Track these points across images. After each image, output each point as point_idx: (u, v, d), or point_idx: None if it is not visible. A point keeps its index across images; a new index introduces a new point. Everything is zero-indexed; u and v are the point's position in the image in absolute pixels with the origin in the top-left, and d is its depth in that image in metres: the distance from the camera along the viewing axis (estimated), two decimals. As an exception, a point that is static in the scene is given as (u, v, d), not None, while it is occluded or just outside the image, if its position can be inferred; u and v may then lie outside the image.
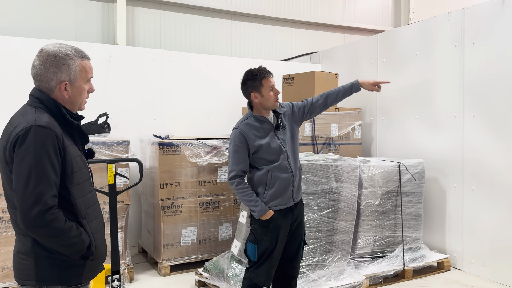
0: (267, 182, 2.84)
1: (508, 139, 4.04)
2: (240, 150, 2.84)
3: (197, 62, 5.67)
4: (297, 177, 2.94)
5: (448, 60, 4.63)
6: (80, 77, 1.79)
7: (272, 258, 2.87)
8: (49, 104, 1.74)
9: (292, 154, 2.94)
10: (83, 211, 1.77)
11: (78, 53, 1.80)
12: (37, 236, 1.65)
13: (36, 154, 1.60)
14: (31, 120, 1.64)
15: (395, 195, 4.35)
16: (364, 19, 7.64)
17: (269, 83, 2.86)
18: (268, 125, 2.89)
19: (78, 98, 1.82)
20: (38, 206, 1.58)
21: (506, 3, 4.04)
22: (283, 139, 2.92)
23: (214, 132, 5.66)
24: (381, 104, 5.57)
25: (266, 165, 2.85)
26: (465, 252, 4.48)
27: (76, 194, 1.74)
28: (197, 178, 4.49)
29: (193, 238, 4.49)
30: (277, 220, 2.85)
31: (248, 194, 2.84)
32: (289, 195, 2.88)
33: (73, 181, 1.73)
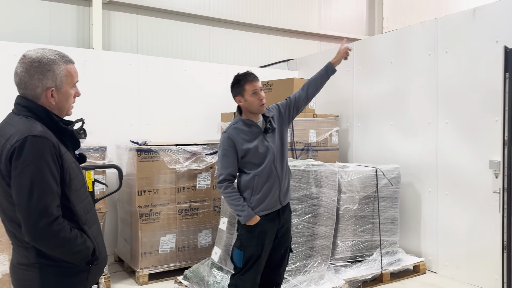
0: (254, 187, 2.84)
1: (479, 145, 4.19)
2: (229, 154, 2.85)
3: (174, 68, 5.62)
4: (284, 180, 2.93)
5: (422, 68, 4.77)
6: (66, 82, 1.74)
7: (258, 264, 2.85)
8: (39, 112, 1.69)
9: (280, 157, 2.93)
10: (84, 217, 1.75)
11: (63, 58, 1.75)
12: (45, 247, 1.63)
13: (36, 165, 1.57)
14: (25, 131, 1.59)
15: (373, 200, 4.42)
16: (339, 28, 7.78)
17: (252, 87, 2.85)
18: (256, 128, 2.89)
19: (65, 103, 1.77)
20: (44, 218, 1.56)
21: (477, 14, 4.20)
22: (272, 142, 2.91)
23: (192, 138, 5.61)
24: (358, 111, 5.67)
25: (253, 170, 2.85)
26: (440, 255, 4.59)
27: (75, 201, 1.72)
28: (176, 185, 4.44)
29: (171, 246, 4.42)
30: (263, 226, 2.83)
31: (236, 198, 2.83)
32: (276, 198, 2.87)
33: (71, 188, 1.71)
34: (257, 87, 2.88)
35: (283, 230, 2.96)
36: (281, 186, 2.90)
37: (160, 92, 5.53)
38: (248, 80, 2.88)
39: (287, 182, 2.98)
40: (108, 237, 5.02)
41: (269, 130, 2.91)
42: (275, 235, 2.92)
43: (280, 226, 2.93)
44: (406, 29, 5.02)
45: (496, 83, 4.00)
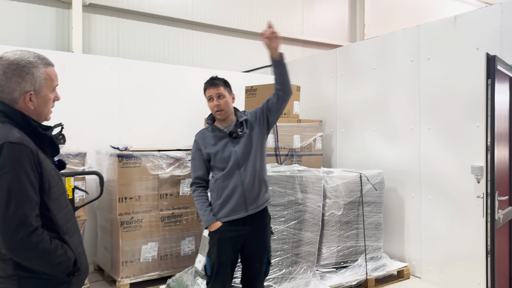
0: (217, 192, 2.81)
1: (461, 150, 4.24)
2: (196, 157, 2.90)
3: (157, 72, 5.53)
4: (251, 186, 2.78)
5: (405, 74, 4.82)
6: (46, 86, 1.67)
7: (223, 273, 2.76)
8: (16, 118, 1.60)
9: (246, 162, 2.81)
10: (64, 227, 1.67)
11: (42, 60, 1.68)
12: (24, 260, 1.54)
13: (13, 173, 1.49)
14: (1, 137, 1.52)
15: (357, 205, 4.42)
16: (321, 34, 7.83)
17: (209, 93, 2.87)
18: (220, 133, 2.86)
19: (44, 108, 1.70)
20: (23, 229, 1.49)
21: (458, 22, 4.27)
22: (237, 147, 2.83)
23: (174, 143, 5.51)
24: (341, 116, 5.69)
25: (217, 173, 2.84)
26: (424, 260, 4.62)
27: (55, 210, 1.64)
28: (158, 191, 4.34)
29: (153, 254, 4.31)
30: (224, 232, 2.76)
31: (200, 202, 2.84)
32: (240, 205, 2.75)
33: (51, 197, 1.62)
34: (212, 93, 2.84)
35: (252, 241, 2.82)
36: (246, 192, 2.77)
37: (142, 97, 5.43)
38: (207, 86, 2.92)
39: (257, 189, 2.82)
40: (87, 246, 4.87)
41: (234, 134, 2.84)
42: (244, 245, 2.81)
43: (248, 236, 2.80)
44: (389, 36, 5.07)
45: (477, 89, 4.07)
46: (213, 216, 2.78)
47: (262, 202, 2.86)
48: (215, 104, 2.84)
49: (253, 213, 2.81)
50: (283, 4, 7.29)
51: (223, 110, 2.83)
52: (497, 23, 3.91)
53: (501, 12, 3.89)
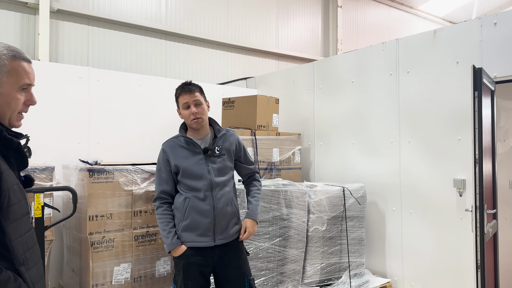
0: (183, 211, 2.56)
1: (443, 163, 4.23)
2: (163, 169, 2.63)
3: (129, 82, 5.27)
4: (222, 213, 2.58)
5: (384, 87, 4.81)
6: (8, 82, 1.42)
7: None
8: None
9: (218, 185, 2.61)
10: (21, 256, 1.37)
11: (11, 52, 1.43)
12: None
13: None
14: None
15: (340, 220, 4.31)
16: (296, 48, 7.81)
17: (184, 99, 2.65)
18: (196, 148, 2.65)
19: (6, 109, 1.43)
20: None
21: (437, 35, 4.30)
22: (212, 167, 2.62)
23: (147, 156, 5.24)
24: (319, 130, 5.62)
25: (185, 191, 2.58)
26: (406, 275, 4.54)
27: (12, 234, 1.34)
28: (132, 208, 4.06)
29: (126, 276, 4.01)
30: (190, 257, 2.53)
31: (164, 222, 2.57)
32: (209, 233, 2.53)
33: (9, 217, 1.34)
34: (189, 99, 2.64)
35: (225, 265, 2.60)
36: (217, 219, 2.55)
37: (113, 108, 5.14)
38: (182, 91, 2.69)
39: (228, 218, 2.62)
40: (53, 267, 4.49)
41: (209, 152, 2.63)
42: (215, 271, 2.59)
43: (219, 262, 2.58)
44: (367, 49, 5.06)
45: (458, 102, 4.09)
46: (177, 240, 2.53)
47: (232, 233, 2.64)
48: (192, 111, 2.60)
49: (221, 244, 2.59)
50: (258, 17, 7.24)
51: (200, 118, 2.63)
52: (477, 37, 3.96)
53: (481, 26, 3.94)
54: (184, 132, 2.71)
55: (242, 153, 2.85)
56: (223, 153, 2.67)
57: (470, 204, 3.85)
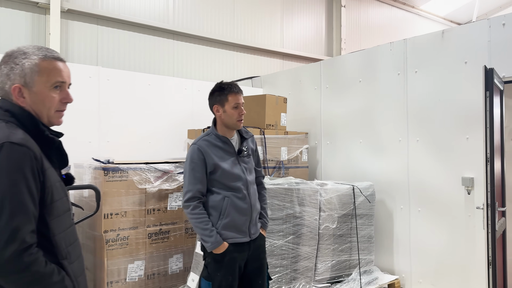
0: (222, 210, 2.62)
1: (451, 162, 4.29)
2: (198, 169, 2.62)
3: (138, 82, 5.31)
4: (255, 211, 2.74)
5: (392, 87, 4.87)
6: (40, 81, 1.46)
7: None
8: (23, 118, 1.41)
9: (252, 187, 2.75)
10: (64, 250, 1.43)
11: (41, 52, 1.48)
12: (10, 283, 1.28)
13: (11, 178, 1.28)
14: (2, 137, 1.32)
15: (350, 218, 4.37)
16: (300, 47, 7.87)
17: (236, 100, 2.71)
18: (230, 148, 2.72)
19: (42, 107, 1.48)
20: (13, 244, 1.25)
21: (446, 36, 4.36)
22: (245, 167, 2.73)
23: (156, 155, 5.29)
24: (325, 129, 5.67)
25: (223, 190, 2.64)
26: (414, 272, 4.61)
27: (56, 229, 1.41)
28: (145, 206, 4.11)
29: (140, 274, 4.06)
30: (232, 253, 2.60)
31: (204, 222, 2.58)
32: (245, 229, 2.66)
33: (52, 213, 1.40)
34: (240, 100, 2.75)
35: (255, 257, 2.73)
36: (253, 216, 2.71)
37: (122, 107, 5.18)
38: (233, 91, 2.75)
39: (257, 214, 2.78)
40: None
41: (242, 153, 2.73)
42: (247, 262, 2.71)
43: (251, 252, 2.71)
44: (375, 49, 5.12)
45: (466, 102, 4.15)
46: (220, 238, 2.58)
47: (258, 227, 2.81)
48: (242, 112, 2.70)
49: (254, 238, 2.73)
50: (264, 17, 7.28)
51: (243, 119, 2.73)
52: (485, 37, 4.02)
53: (489, 27, 4.01)
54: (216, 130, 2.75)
55: (257, 155, 2.94)
56: (250, 153, 2.76)
57: (479, 202, 3.93)
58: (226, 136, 2.74)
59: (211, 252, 2.59)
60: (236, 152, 2.73)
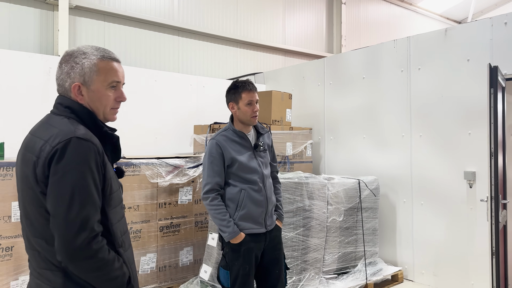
0: (239, 202, 2.73)
1: (453, 156, 4.43)
2: (216, 162, 2.73)
3: (144, 78, 5.38)
4: (270, 203, 2.84)
5: (395, 83, 4.98)
6: (98, 80, 1.54)
7: (248, 283, 2.73)
8: (82, 115, 1.50)
9: (268, 180, 2.86)
10: (119, 239, 1.53)
11: (100, 53, 1.56)
12: (79, 269, 1.38)
13: (79, 170, 1.36)
14: (68, 132, 1.40)
15: (356, 211, 4.49)
16: (301, 43, 7.96)
17: (249, 97, 2.80)
18: (246, 142, 2.83)
19: (98, 104, 1.56)
20: (84, 233, 1.34)
21: (448, 34, 4.48)
22: (261, 162, 2.85)
23: (162, 151, 5.38)
24: (329, 124, 5.78)
25: (240, 183, 2.75)
26: (416, 263, 4.75)
27: (113, 219, 1.50)
28: (157, 200, 4.20)
29: (152, 266, 4.15)
30: (249, 243, 2.71)
31: (222, 213, 2.70)
32: (261, 220, 2.76)
33: (110, 204, 1.49)
34: (253, 98, 2.84)
35: (271, 247, 2.84)
36: (269, 208, 2.81)
37: (129, 103, 5.18)
38: (246, 89, 2.83)
39: (272, 207, 2.89)
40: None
41: (259, 147, 2.85)
42: (264, 252, 2.81)
43: (267, 243, 2.83)
44: (378, 46, 5.23)
45: (469, 98, 4.28)
46: (237, 228, 2.69)
47: (274, 219, 2.92)
48: (256, 109, 2.80)
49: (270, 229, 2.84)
50: (266, 14, 7.37)
51: (257, 116, 2.82)
52: (488, 36, 4.15)
53: (491, 26, 4.13)
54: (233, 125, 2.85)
55: (272, 150, 3.04)
56: (266, 148, 2.85)
57: (480, 196, 4.08)
58: (243, 131, 2.83)
59: (229, 242, 2.70)
60: (252, 146, 2.83)
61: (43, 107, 4.70)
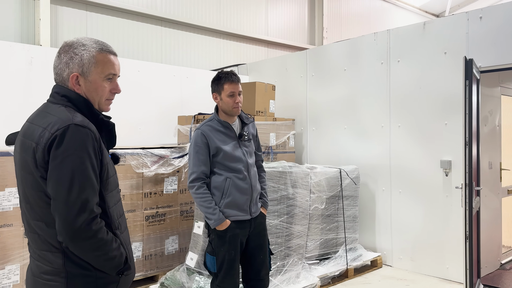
0: (224, 190, 2.81)
1: (430, 146, 4.60)
2: (202, 151, 2.81)
3: (127, 68, 5.34)
4: (255, 191, 2.92)
5: (375, 75, 5.12)
6: (95, 72, 1.61)
7: (233, 268, 2.83)
8: (79, 103, 1.56)
9: (252, 169, 2.93)
10: (116, 221, 1.61)
11: (98, 45, 1.63)
12: (79, 249, 1.45)
13: (78, 155, 1.43)
14: (66, 119, 1.46)
15: (337, 199, 4.63)
16: (284, 35, 8.04)
17: (231, 88, 2.85)
18: (231, 132, 2.89)
19: (95, 95, 1.63)
20: (84, 214, 1.41)
21: (427, 27, 4.63)
22: (246, 151, 2.92)
23: (146, 141, 5.39)
24: (311, 115, 5.90)
25: (225, 172, 2.82)
26: (394, 249, 4.94)
27: (110, 202, 1.58)
28: (142, 190, 4.24)
29: (138, 255, 4.21)
30: (234, 229, 2.80)
31: (207, 200, 2.77)
32: (246, 208, 2.84)
33: (108, 188, 1.57)
34: (235, 89, 2.87)
35: (256, 233, 2.93)
36: (253, 196, 2.89)
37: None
38: (229, 80, 2.89)
39: (257, 195, 2.96)
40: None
41: (243, 137, 2.92)
42: (249, 239, 2.90)
43: (252, 229, 2.92)
44: (359, 39, 5.35)
45: (445, 90, 4.45)
46: (222, 216, 2.77)
47: (259, 206, 2.98)
48: (237, 100, 2.85)
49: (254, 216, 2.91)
50: (249, 5, 7.40)
51: (240, 107, 2.88)
52: (464, 29, 4.30)
53: (467, 20, 4.29)
54: (218, 116, 2.90)
55: (257, 140, 3.12)
56: (250, 138, 2.93)
57: (456, 183, 4.26)
58: (227, 121, 2.90)
59: (215, 229, 2.78)
60: (237, 136, 2.90)
61: (25, 96, 4.68)
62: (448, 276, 4.45)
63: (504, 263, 4.98)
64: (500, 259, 4.91)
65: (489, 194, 4.71)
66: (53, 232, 1.46)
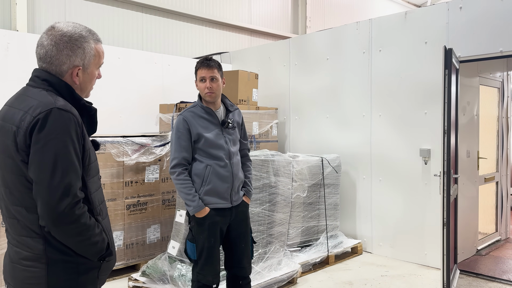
0: (205, 177, 2.80)
1: (410, 135, 4.67)
2: (183, 137, 2.79)
3: (107, 55, 5.20)
4: (237, 180, 2.90)
5: (357, 65, 5.15)
6: (94, 63, 1.62)
7: (213, 255, 2.83)
8: (60, 88, 1.53)
9: (235, 157, 2.92)
10: (97, 207, 1.59)
11: (93, 36, 1.63)
12: (63, 233, 1.44)
13: (61, 140, 1.40)
14: (48, 103, 1.43)
15: (319, 187, 4.67)
16: (267, 24, 7.99)
17: (202, 73, 2.84)
18: (214, 119, 2.87)
19: (88, 84, 1.64)
20: (67, 198, 1.39)
21: (408, 17, 4.66)
22: (229, 138, 2.90)
23: (127, 129, 5.32)
24: (294, 104, 5.91)
25: (206, 159, 2.81)
26: (374, 236, 5.03)
27: (92, 188, 1.56)
28: (123, 179, 4.20)
29: (119, 243, 4.18)
30: (214, 217, 2.79)
31: (187, 187, 2.77)
32: (227, 196, 2.83)
33: (89, 173, 1.55)
34: (206, 74, 2.83)
35: (237, 222, 2.92)
36: (235, 184, 2.87)
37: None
38: (200, 66, 2.88)
39: (239, 183, 2.94)
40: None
41: (226, 125, 2.91)
42: (229, 228, 2.90)
43: (233, 218, 2.92)
44: (342, 28, 5.36)
45: (425, 79, 4.50)
46: (202, 203, 2.76)
47: (241, 195, 2.96)
48: (207, 86, 2.81)
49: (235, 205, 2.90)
50: (231, -8, 7.32)
51: (214, 93, 2.84)
52: (444, 19, 4.35)
53: (447, 10, 4.33)
54: (201, 102, 2.88)
55: (243, 128, 3.09)
56: (235, 126, 2.91)
57: (435, 171, 4.34)
58: (210, 108, 2.87)
59: (194, 216, 2.78)
60: (220, 123, 2.88)
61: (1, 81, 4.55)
62: (427, 262, 4.55)
63: (480, 249, 5.12)
64: (476, 245, 5.05)
65: (467, 182, 4.81)
66: (34, 218, 1.44)
